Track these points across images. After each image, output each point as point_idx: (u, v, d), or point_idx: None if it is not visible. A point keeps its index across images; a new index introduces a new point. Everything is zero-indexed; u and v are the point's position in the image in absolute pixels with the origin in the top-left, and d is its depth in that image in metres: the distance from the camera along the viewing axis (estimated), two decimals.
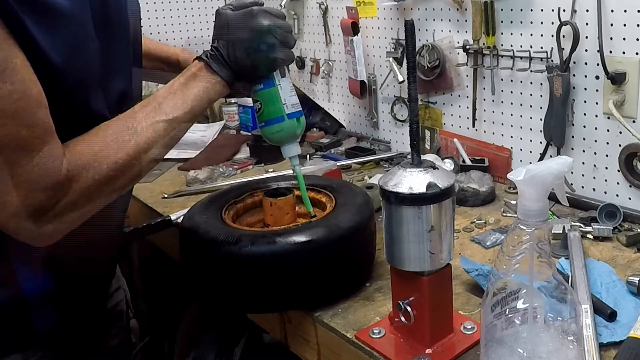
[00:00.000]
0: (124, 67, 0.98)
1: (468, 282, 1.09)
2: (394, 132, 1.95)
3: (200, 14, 2.65)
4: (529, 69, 1.49)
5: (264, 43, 0.97)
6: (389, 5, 1.81)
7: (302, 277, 1.00)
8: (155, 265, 1.95)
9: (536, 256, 0.73)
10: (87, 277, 1.05)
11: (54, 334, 0.99)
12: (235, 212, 1.17)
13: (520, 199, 0.73)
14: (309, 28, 2.20)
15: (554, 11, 1.39)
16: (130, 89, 1.00)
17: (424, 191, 0.82)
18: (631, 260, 1.15)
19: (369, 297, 1.07)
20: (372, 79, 1.96)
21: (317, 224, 1.03)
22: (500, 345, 0.76)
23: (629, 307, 0.96)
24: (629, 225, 1.27)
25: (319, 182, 1.24)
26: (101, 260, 1.13)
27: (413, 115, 0.85)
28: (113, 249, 1.18)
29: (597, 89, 1.36)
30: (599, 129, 1.38)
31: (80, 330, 1.06)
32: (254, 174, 1.73)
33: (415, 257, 0.86)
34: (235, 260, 1.00)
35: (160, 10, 2.54)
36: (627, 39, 1.29)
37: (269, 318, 1.14)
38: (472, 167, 1.56)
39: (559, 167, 0.73)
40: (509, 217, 1.38)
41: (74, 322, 1.04)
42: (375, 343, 0.93)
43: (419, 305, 0.88)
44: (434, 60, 1.69)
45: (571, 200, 1.33)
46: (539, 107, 1.49)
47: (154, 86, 2.41)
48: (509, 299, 0.75)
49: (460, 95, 1.70)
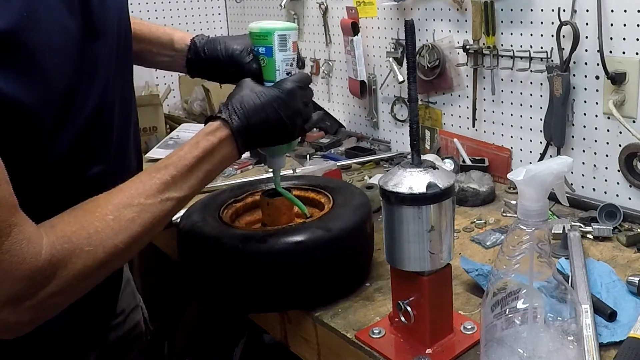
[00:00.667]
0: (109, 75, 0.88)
1: (468, 282, 1.09)
2: (394, 132, 1.95)
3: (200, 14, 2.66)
4: (529, 69, 1.49)
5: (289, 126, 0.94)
6: (389, 5, 1.81)
7: (298, 277, 1.00)
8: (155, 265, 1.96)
9: (536, 256, 0.73)
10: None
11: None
12: (234, 212, 1.17)
13: (520, 199, 0.73)
14: (309, 28, 2.20)
15: (554, 11, 1.39)
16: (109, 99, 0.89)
17: (424, 191, 0.82)
18: (631, 260, 1.15)
19: (369, 297, 1.07)
20: (372, 79, 1.96)
21: (312, 224, 1.04)
22: (500, 345, 0.76)
23: (629, 307, 0.96)
24: (629, 225, 1.27)
25: (318, 182, 1.24)
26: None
27: (413, 115, 0.85)
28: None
29: (597, 89, 1.36)
30: (599, 129, 1.38)
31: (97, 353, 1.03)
32: (254, 174, 1.73)
33: (415, 257, 0.86)
34: (229, 259, 1.00)
35: (161, 10, 2.55)
36: (627, 39, 1.29)
37: (269, 318, 1.14)
38: (472, 167, 1.56)
39: (559, 167, 0.73)
40: (509, 217, 1.38)
41: (89, 341, 1.00)
42: (375, 343, 0.93)
43: (419, 305, 0.88)
44: (434, 60, 1.69)
45: (571, 200, 1.33)
46: (539, 107, 1.49)
47: (154, 86, 2.42)
48: (509, 299, 0.75)
49: (460, 95, 1.70)
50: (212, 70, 1.10)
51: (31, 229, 0.69)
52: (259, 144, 0.95)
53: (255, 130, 0.91)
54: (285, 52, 0.98)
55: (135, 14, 1.00)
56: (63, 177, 0.80)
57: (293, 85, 0.95)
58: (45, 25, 0.73)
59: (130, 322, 1.20)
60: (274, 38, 0.96)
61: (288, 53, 0.98)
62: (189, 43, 1.11)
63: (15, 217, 0.67)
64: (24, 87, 0.70)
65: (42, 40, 0.72)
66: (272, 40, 0.97)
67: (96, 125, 0.84)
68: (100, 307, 1.03)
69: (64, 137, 0.78)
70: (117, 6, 0.92)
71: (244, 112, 0.91)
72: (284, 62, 0.98)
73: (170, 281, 1.93)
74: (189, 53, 1.11)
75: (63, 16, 0.77)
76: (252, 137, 0.92)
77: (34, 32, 0.72)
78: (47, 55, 0.73)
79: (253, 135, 0.92)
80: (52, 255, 0.70)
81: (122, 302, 1.16)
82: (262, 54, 0.98)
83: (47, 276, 0.70)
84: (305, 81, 0.98)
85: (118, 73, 0.90)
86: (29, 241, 0.68)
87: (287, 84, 0.95)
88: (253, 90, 0.93)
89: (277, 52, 0.97)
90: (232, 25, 2.73)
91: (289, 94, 0.94)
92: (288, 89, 0.94)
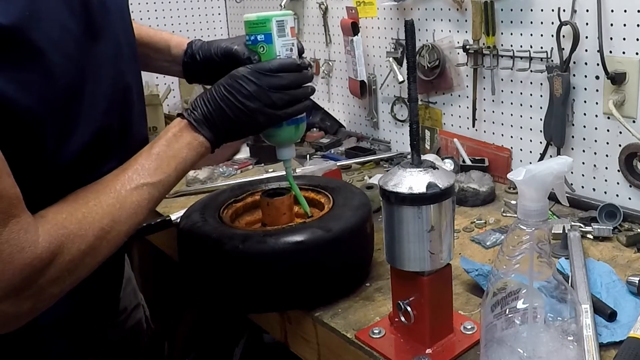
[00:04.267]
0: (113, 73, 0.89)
1: (468, 282, 1.09)
2: (394, 132, 1.95)
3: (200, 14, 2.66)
4: (529, 69, 1.49)
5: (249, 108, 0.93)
6: (389, 5, 1.81)
7: (298, 277, 1.00)
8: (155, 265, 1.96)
9: (536, 256, 0.73)
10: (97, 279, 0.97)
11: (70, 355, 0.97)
12: (234, 212, 1.17)
13: (520, 199, 0.73)
14: (309, 28, 2.20)
15: (554, 11, 1.39)
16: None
17: (424, 191, 0.82)
18: (631, 260, 1.15)
19: (369, 297, 1.07)
20: (372, 79, 1.96)
21: (312, 224, 1.04)
22: (500, 345, 0.76)
23: (629, 307, 0.96)
24: (629, 225, 1.27)
25: (318, 182, 1.24)
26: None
27: (413, 115, 0.85)
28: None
29: (597, 89, 1.36)
30: (599, 129, 1.38)
31: (99, 348, 1.03)
32: (254, 174, 1.73)
33: (415, 257, 0.86)
34: (229, 259, 1.00)
35: (161, 10, 2.55)
36: (627, 39, 1.29)
37: (269, 318, 1.14)
38: (472, 167, 1.56)
39: (559, 167, 0.73)
40: (509, 217, 1.38)
41: (91, 337, 1.01)
42: (375, 343, 0.93)
43: (419, 305, 0.88)
44: (434, 60, 1.69)
45: (571, 200, 1.33)
46: (539, 107, 1.49)
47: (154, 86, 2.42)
48: (509, 299, 0.75)
49: (460, 95, 1.70)
50: (208, 72, 1.10)
51: (29, 220, 0.71)
52: (228, 130, 0.94)
53: (215, 118, 0.92)
54: (285, 38, 0.98)
55: (135, 14, 1.01)
56: (77, 174, 0.82)
57: (246, 71, 0.93)
58: (46, 24, 0.74)
59: (132, 320, 1.21)
60: (272, 24, 0.97)
61: (287, 38, 0.98)
62: (185, 48, 1.12)
63: (16, 209, 0.69)
64: (24, 86, 0.71)
65: (43, 39, 0.73)
66: (271, 26, 0.97)
67: (113, 122, 0.86)
68: (102, 305, 1.04)
69: (77, 137, 0.80)
70: (118, 7, 0.92)
71: (199, 102, 0.93)
72: (283, 47, 0.98)
73: (170, 281, 1.93)
74: (185, 57, 1.12)
75: (64, 16, 0.77)
76: (215, 124, 0.92)
77: (35, 31, 0.72)
78: (49, 54, 0.74)
79: (215, 122, 0.92)
80: (50, 242, 0.72)
81: (124, 301, 1.17)
82: (262, 41, 0.98)
83: (47, 263, 0.72)
84: (276, 67, 0.94)
85: (127, 72, 0.92)
86: (27, 231, 0.70)
87: (240, 69, 0.94)
88: (217, 83, 0.95)
89: (276, 37, 0.97)
90: (232, 25, 2.73)
91: (239, 79, 0.92)
92: (238, 75, 0.93)
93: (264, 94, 0.93)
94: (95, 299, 0.98)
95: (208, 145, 0.92)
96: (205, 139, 0.92)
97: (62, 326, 0.92)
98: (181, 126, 0.91)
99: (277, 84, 0.94)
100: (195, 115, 0.92)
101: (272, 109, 0.94)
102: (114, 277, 1.07)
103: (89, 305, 0.96)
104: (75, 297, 0.82)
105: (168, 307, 1.98)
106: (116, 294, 1.10)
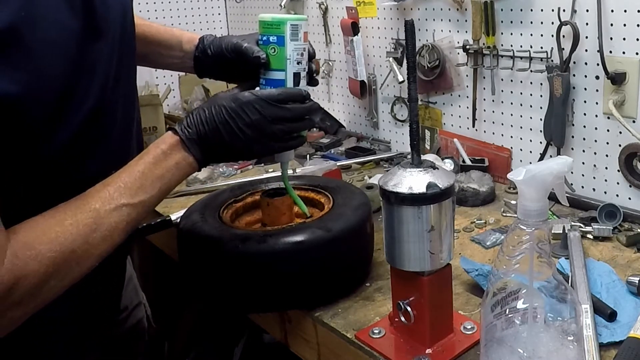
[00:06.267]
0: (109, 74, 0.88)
1: (468, 282, 1.09)
2: (394, 132, 1.95)
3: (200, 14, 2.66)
4: (529, 69, 1.49)
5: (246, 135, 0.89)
6: (389, 5, 1.81)
7: (298, 277, 1.00)
8: (155, 265, 1.96)
9: (536, 256, 0.73)
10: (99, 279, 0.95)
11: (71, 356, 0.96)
12: (234, 212, 1.17)
13: (520, 199, 0.73)
14: (309, 28, 2.18)
15: (554, 11, 1.39)
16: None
17: (424, 191, 0.82)
18: (631, 260, 1.15)
19: (369, 297, 1.07)
20: (372, 79, 1.96)
21: (311, 224, 1.04)
22: (500, 345, 0.76)
23: (629, 307, 0.96)
24: (629, 225, 1.27)
25: (318, 182, 1.24)
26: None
27: (413, 115, 0.85)
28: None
29: (597, 89, 1.36)
30: (599, 129, 1.38)
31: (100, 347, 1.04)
32: (254, 174, 1.73)
33: (415, 257, 0.86)
34: (229, 259, 1.00)
35: (161, 10, 2.55)
36: (627, 39, 1.29)
37: (269, 318, 1.14)
38: (472, 167, 1.56)
39: (559, 167, 0.73)
40: (509, 217, 1.38)
41: (92, 337, 1.01)
42: (375, 343, 0.93)
43: (419, 305, 0.88)
44: (434, 60, 1.69)
45: (571, 200, 1.33)
46: (539, 107, 1.49)
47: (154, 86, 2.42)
48: (509, 299, 0.75)
49: (460, 95, 1.70)
50: (219, 67, 1.10)
51: (1, 235, 0.68)
52: (219, 154, 0.92)
53: (209, 140, 0.89)
54: (297, 42, 0.98)
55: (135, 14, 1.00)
56: (58, 174, 0.81)
57: (252, 98, 0.90)
58: (44, 24, 0.74)
59: (133, 318, 1.21)
60: (287, 27, 0.96)
61: (299, 43, 0.98)
62: (197, 43, 1.12)
63: None
64: (16, 83, 0.71)
65: (39, 39, 0.73)
66: (285, 29, 0.96)
67: (94, 123, 0.84)
68: (104, 303, 1.04)
69: (60, 134, 0.79)
70: (121, 6, 0.92)
71: (196, 120, 0.89)
72: (294, 51, 0.98)
73: (170, 281, 1.93)
74: (196, 51, 1.12)
75: (64, 15, 0.77)
76: (208, 146, 0.89)
77: (31, 30, 0.72)
78: (44, 53, 0.74)
79: (209, 144, 0.89)
80: (14, 264, 0.69)
81: (125, 299, 1.17)
82: (274, 42, 0.97)
83: (8, 287, 0.69)
84: (283, 98, 0.92)
85: (120, 72, 0.90)
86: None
87: (246, 95, 0.90)
88: (213, 101, 0.91)
89: (288, 41, 0.97)
90: (232, 25, 2.73)
91: (244, 106, 0.89)
92: (243, 101, 0.89)
93: (266, 125, 0.90)
94: (97, 296, 0.98)
95: (196, 166, 0.90)
96: (195, 160, 0.89)
97: (63, 324, 0.92)
98: (172, 143, 0.88)
99: (281, 115, 0.91)
100: (189, 133, 0.88)
101: (270, 140, 0.92)
102: (116, 276, 1.07)
103: (90, 303, 0.96)
104: (77, 295, 0.81)
105: (168, 307, 1.99)
106: (118, 292, 1.11)
